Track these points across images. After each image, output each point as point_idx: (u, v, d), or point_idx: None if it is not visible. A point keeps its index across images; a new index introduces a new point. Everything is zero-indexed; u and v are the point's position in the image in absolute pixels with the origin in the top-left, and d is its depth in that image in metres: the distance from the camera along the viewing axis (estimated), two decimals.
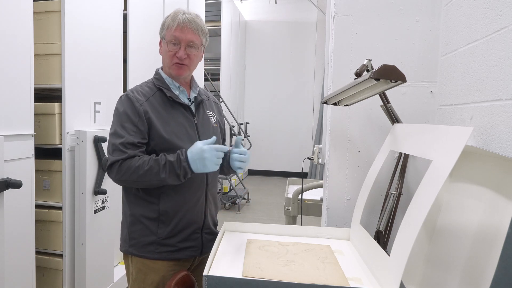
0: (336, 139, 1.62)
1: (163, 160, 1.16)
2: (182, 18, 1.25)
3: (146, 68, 2.74)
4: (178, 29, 1.25)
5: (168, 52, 1.27)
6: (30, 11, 1.64)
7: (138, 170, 1.16)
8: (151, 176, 1.16)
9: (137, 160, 1.17)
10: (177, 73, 1.29)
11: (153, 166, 1.15)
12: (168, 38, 1.26)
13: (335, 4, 1.59)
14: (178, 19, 1.25)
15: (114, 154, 1.20)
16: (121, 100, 1.26)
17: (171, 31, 1.25)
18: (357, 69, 1.20)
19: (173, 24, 1.25)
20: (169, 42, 1.26)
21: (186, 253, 1.28)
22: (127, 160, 1.18)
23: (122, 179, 1.20)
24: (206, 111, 1.38)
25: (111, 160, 1.20)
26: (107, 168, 1.22)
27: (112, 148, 1.21)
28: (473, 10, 1.19)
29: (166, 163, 1.15)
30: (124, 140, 1.19)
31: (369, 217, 1.56)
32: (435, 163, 0.90)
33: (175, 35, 1.25)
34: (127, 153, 1.18)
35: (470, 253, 1.02)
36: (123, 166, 1.17)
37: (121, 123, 1.22)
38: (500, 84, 1.00)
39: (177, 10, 1.29)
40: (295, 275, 0.97)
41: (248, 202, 5.42)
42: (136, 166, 1.16)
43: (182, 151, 1.17)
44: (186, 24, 1.25)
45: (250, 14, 7.47)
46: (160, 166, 1.15)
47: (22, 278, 1.65)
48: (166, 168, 1.15)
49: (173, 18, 1.26)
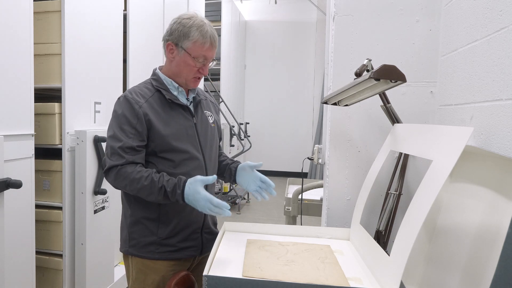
0: (336, 139, 1.62)
1: (160, 183, 1.15)
2: (212, 35, 1.22)
3: (146, 68, 2.74)
4: (209, 49, 1.22)
5: (192, 67, 1.24)
6: (30, 11, 1.64)
7: (134, 183, 1.16)
8: (145, 193, 1.16)
9: (136, 172, 1.16)
10: (194, 85, 1.30)
11: (149, 185, 1.15)
12: (195, 54, 1.22)
13: (335, 4, 1.59)
14: (209, 37, 1.21)
15: (112, 158, 1.19)
16: (120, 102, 1.25)
17: (201, 48, 1.21)
18: (357, 69, 1.20)
19: (203, 41, 1.21)
20: (196, 58, 1.23)
21: (186, 253, 1.28)
22: (125, 166, 1.17)
23: (117, 186, 1.21)
24: (204, 111, 1.38)
25: (109, 164, 1.19)
26: (104, 172, 1.22)
27: (111, 152, 1.19)
28: (473, 10, 1.19)
29: (162, 188, 1.15)
30: (123, 144, 1.18)
31: (369, 217, 1.56)
32: (436, 163, 0.90)
33: (206, 54, 1.23)
34: (125, 158, 1.17)
35: (470, 253, 1.02)
36: (121, 173, 1.17)
37: (120, 126, 1.20)
38: (500, 84, 1.00)
39: (199, 20, 1.23)
40: (295, 275, 0.97)
41: (248, 202, 5.42)
42: (133, 178, 1.15)
43: (180, 183, 1.15)
44: (215, 42, 1.24)
45: (250, 14, 7.47)
46: (156, 189, 1.15)
47: (22, 278, 1.65)
48: (161, 192, 1.15)
49: (202, 33, 1.21)
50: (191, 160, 1.26)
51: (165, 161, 1.23)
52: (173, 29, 1.24)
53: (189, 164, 1.26)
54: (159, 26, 2.99)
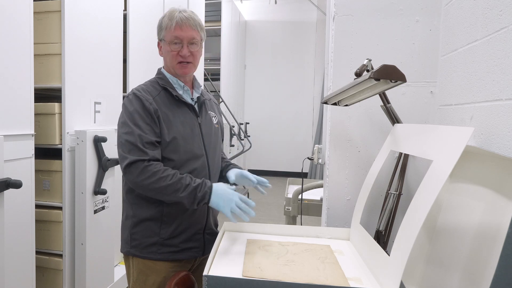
0: (336, 139, 1.62)
1: (187, 180, 1.16)
2: (180, 16, 1.24)
3: (146, 68, 2.74)
4: (178, 28, 1.24)
5: (171, 52, 1.26)
6: (30, 11, 1.64)
7: (161, 181, 1.14)
8: (170, 190, 1.15)
9: (163, 170, 1.15)
10: (183, 72, 1.28)
11: (176, 182, 1.15)
12: (168, 39, 1.25)
13: (335, 4, 1.59)
14: (176, 18, 1.24)
15: (132, 153, 1.15)
16: (130, 99, 1.23)
17: (170, 31, 1.24)
18: (357, 69, 1.20)
19: (171, 24, 1.24)
20: (170, 42, 1.25)
21: (188, 253, 1.28)
22: (151, 163, 1.15)
23: (140, 182, 1.15)
24: (208, 111, 1.38)
25: (130, 159, 1.15)
26: (125, 167, 1.16)
27: (129, 148, 1.16)
28: (473, 10, 1.19)
29: (190, 184, 1.16)
30: (142, 139, 1.16)
31: (369, 217, 1.56)
32: (436, 163, 0.90)
33: (176, 35, 1.24)
34: (148, 153, 1.16)
35: (470, 253, 1.02)
36: (148, 170, 1.14)
37: (134, 122, 1.19)
38: (500, 84, 1.00)
39: (172, 9, 1.28)
40: (295, 275, 0.97)
41: None
42: (161, 176, 1.14)
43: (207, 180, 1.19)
44: (184, 22, 1.24)
45: (250, 14, 7.47)
46: (183, 185, 1.15)
47: (22, 278, 1.65)
48: (188, 189, 1.15)
49: (170, 18, 1.25)
50: (194, 160, 1.26)
51: (169, 162, 1.22)
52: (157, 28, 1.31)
53: (192, 164, 1.26)
54: None
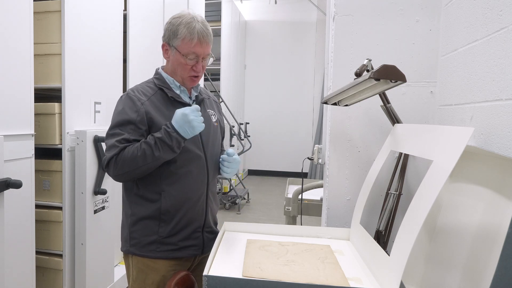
0: (336, 139, 1.62)
1: (152, 139, 1.16)
2: (199, 30, 1.20)
3: (146, 68, 2.74)
4: (198, 44, 1.20)
5: (185, 65, 1.24)
6: (30, 11, 1.64)
7: (133, 159, 1.15)
8: (146, 159, 1.15)
9: (128, 151, 1.16)
10: (192, 84, 1.29)
11: (145, 148, 1.15)
12: (185, 52, 1.22)
13: (335, 4, 1.59)
14: (196, 33, 1.19)
15: (109, 151, 1.20)
16: (122, 100, 1.25)
17: (189, 45, 1.20)
18: (357, 69, 1.20)
19: (191, 38, 1.20)
20: (186, 55, 1.22)
21: (187, 251, 1.28)
22: (120, 153, 1.17)
23: (120, 173, 1.19)
24: (207, 110, 1.38)
25: (107, 158, 1.19)
26: (105, 167, 1.22)
27: (108, 147, 1.21)
28: (473, 10, 1.19)
29: (157, 141, 1.15)
30: (119, 138, 1.19)
31: (369, 217, 1.56)
32: (436, 163, 0.90)
33: (195, 51, 1.21)
34: (119, 147, 1.18)
35: (470, 253, 1.02)
36: (118, 160, 1.17)
37: (119, 122, 1.21)
38: (500, 84, 1.00)
39: (189, 17, 1.22)
40: (295, 275, 0.97)
41: (248, 202, 5.41)
42: (130, 156, 1.16)
43: (167, 124, 1.17)
44: (205, 38, 1.21)
45: (250, 14, 7.47)
46: (152, 146, 1.15)
47: (22, 278, 1.65)
48: (158, 146, 1.15)
49: (189, 30, 1.19)
50: (193, 159, 1.26)
51: (167, 161, 1.22)
52: (165, 29, 1.26)
53: (191, 163, 1.26)
54: (159, 26, 2.99)
